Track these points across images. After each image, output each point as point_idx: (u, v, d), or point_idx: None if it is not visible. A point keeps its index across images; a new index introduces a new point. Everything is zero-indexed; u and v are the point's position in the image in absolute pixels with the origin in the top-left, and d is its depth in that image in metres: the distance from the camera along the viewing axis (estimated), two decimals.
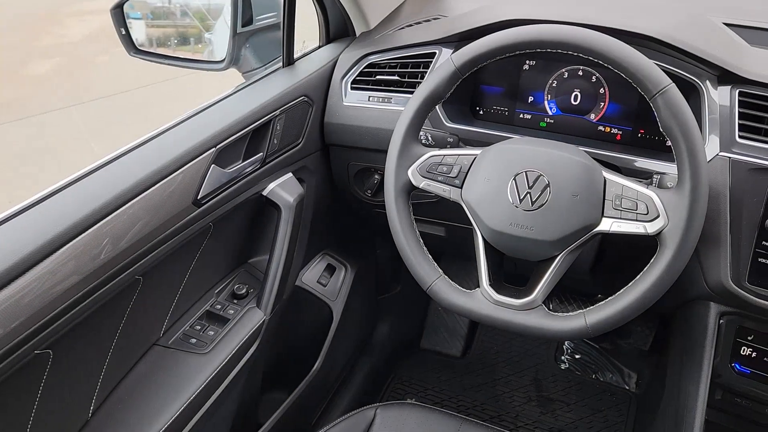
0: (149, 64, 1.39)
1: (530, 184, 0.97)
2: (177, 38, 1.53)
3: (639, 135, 1.22)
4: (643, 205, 0.92)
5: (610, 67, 0.93)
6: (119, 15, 1.31)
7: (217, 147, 1.05)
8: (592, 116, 1.25)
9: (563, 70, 1.25)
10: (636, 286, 0.92)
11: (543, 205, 0.96)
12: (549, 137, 1.23)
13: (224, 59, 1.34)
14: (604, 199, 0.95)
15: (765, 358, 1.11)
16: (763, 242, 1.02)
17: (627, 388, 1.94)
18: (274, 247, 1.23)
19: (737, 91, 1.05)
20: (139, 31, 1.39)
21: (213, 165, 1.04)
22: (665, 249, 0.90)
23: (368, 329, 1.96)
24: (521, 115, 1.31)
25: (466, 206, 1.03)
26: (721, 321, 1.13)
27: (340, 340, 1.67)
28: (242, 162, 1.14)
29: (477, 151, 1.04)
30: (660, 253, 0.91)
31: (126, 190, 0.89)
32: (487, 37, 0.99)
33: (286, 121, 1.22)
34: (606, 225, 0.94)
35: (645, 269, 0.93)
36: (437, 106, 1.24)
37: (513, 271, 1.28)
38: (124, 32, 1.32)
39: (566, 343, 2.07)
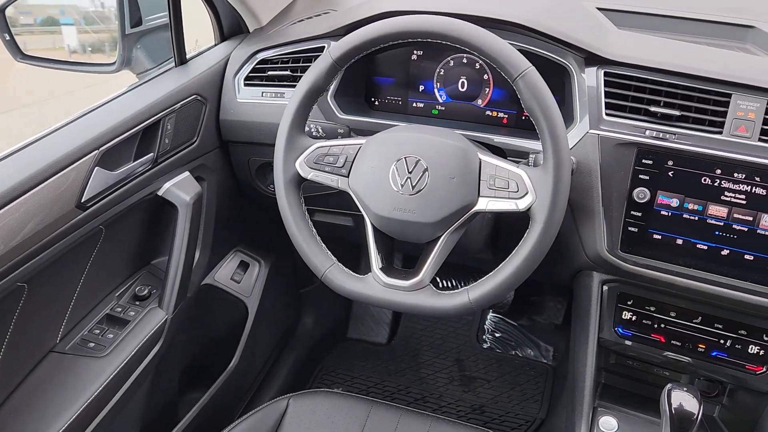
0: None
1: (410, 170, 1.01)
2: (111, 43, 1.50)
3: (523, 118, 1.28)
4: (514, 183, 0.97)
5: (475, 53, 0.98)
6: (1, 20, 1.28)
7: (101, 149, 1.04)
8: (480, 102, 1.30)
9: (449, 58, 1.30)
10: (511, 261, 0.97)
11: (423, 188, 1.00)
12: (441, 124, 1.28)
13: (115, 61, 1.33)
14: (479, 179, 1.00)
15: (644, 321, 1.18)
16: (632, 212, 1.09)
17: (544, 361, 2.03)
18: (173, 246, 1.23)
19: (602, 72, 1.11)
20: (70, 38, 1.37)
21: (97, 167, 1.04)
22: (535, 223, 0.96)
23: (291, 322, 1.98)
24: (414, 104, 1.35)
25: (353, 194, 1.06)
26: (603, 288, 1.20)
27: (258, 335, 1.68)
28: (133, 162, 1.14)
29: (362, 141, 1.07)
30: (531, 228, 0.96)
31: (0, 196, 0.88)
32: (360, 29, 1.02)
33: (177, 121, 1.22)
34: (482, 204, 0.99)
35: (519, 244, 0.98)
36: (330, 99, 1.27)
37: (413, 253, 1.32)
38: (8, 37, 1.29)
39: (487, 322, 2.14)
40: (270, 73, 1.32)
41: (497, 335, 2.11)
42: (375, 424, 1.15)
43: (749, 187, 1.02)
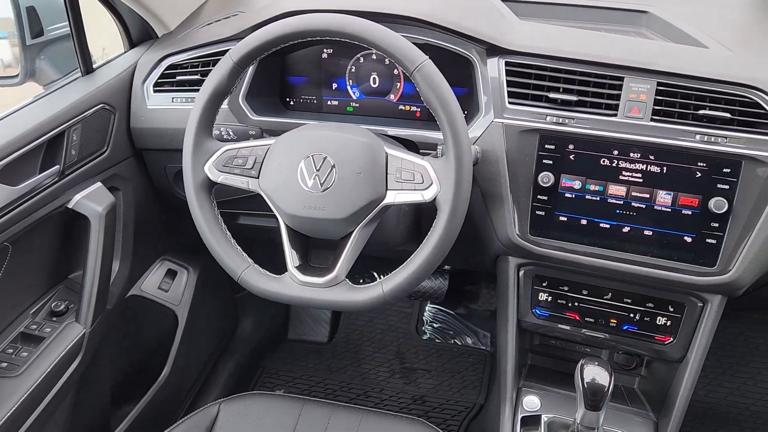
0: None
1: (318, 167, 1.01)
2: None
3: None
4: (419, 175, 0.99)
5: (373, 49, 0.99)
6: None
7: (0, 163, 1.02)
8: (392, 97, 1.32)
9: (359, 55, 1.31)
10: (421, 251, 0.99)
11: (331, 185, 1.01)
12: (357, 121, 1.29)
13: (18, 74, 1.30)
14: (386, 173, 1.01)
15: (559, 301, 1.22)
16: (538, 196, 1.12)
17: (482, 347, 2.07)
18: (87, 258, 1.21)
19: (504, 62, 1.14)
20: (4, 52, 1.33)
21: None
22: (441, 213, 0.98)
23: (229, 327, 1.97)
24: (329, 102, 1.36)
25: (264, 195, 1.06)
26: (519, 272, 1.23)
27: (192, 343, 1.66)
28: (37, 176, 1.11)
29: (271, 141, 1.08)
30: (438, 218, 0.98)
31: None
32: (259, 30, 1.02)
33: (84, 131, 1.20)
34: (391, 197, 1.01)
35: (428, 234, 1.00)
36: (241, 100, 1.26)
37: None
38: None
39: (425, 313, 2.17)
40: (179, 78, 1.31)
41: (436, 325, 2.14)
42: (307, 422, 1.16)
43: (644, 165, 1.07)
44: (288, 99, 1.37)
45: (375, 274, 2.08)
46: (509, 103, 1.13)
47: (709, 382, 1.88)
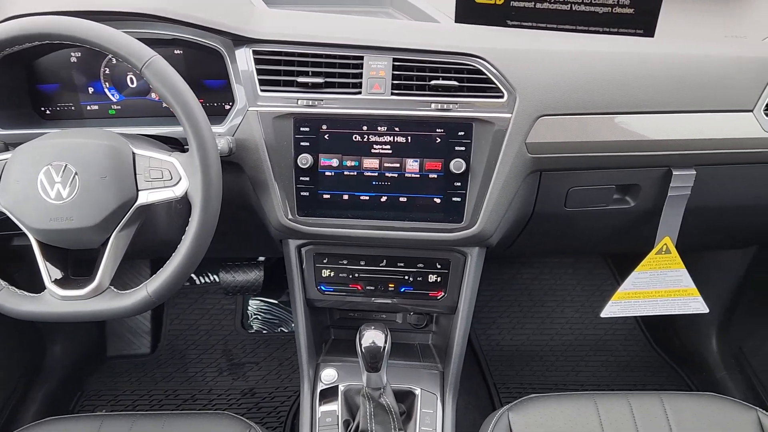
0: None
1: (58, 176, 0.98)
2: None
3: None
4: (167, 172, 0.99)
5: (101, 51, 0.97)
6: None
7: None
8: (153, 95, 1.29)
9: (110, 56, 1.27)
10: (181, 248, 0.99)
11: (75, 194, 0.97)
12: (121, 123, 1.26)
13: None
14: (135, 174, 1.00)
15: (341, 274, 1.28)
16: (301, 178, 1.16)
17: None
18: None
19: (251, 51, 1.16)
20: None
21: None
22: (195, 207, 0.98)
23: (32, 355, 1.84)
24: (89, 107, 1.30)
25: (7, 212, 1.00)
26: (301, 252, 1.27)
27: None
28: None
29: (7, 155, 1.02)
30: (192, 212, 0.99)
31: None
32: None
33: None
34: (143, 197, 1.00)
35: (186, 230, 1.00)
36: None
37: None
38: None
39: (249, 307, 2.17)
40: None
41: (262, 317, 2.15)
42: None
43: (392, 137, 1.14)
44: (43, 108, 1.30)
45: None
46: (261, 90, 1.15)
47: (513, 326, 2.06)
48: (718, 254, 1.77)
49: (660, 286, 1.34)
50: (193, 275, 2.04)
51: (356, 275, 1.27)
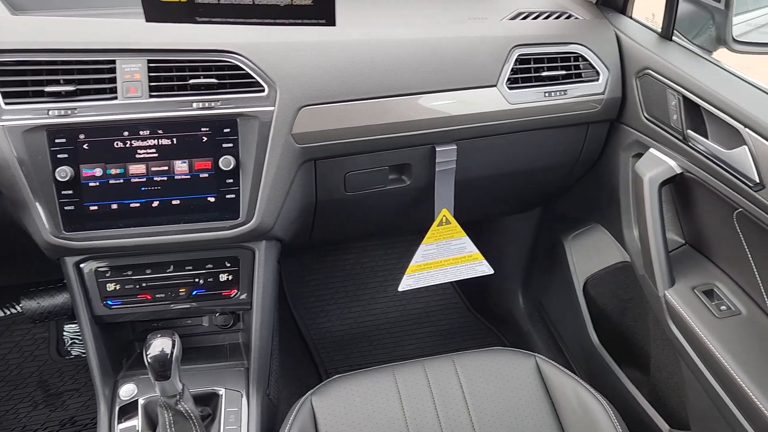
0: None
1: None
2: None
3: None
4: None
5: None
6: None
7: None
8: None
9: None
10: None
11: None
12: None
13: None
14: None
15: (127, 286, 1.23)
16: (63, 192, 1.10)
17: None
18: None
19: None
20: None
21: None
22: None
23: None
24: None
25: None
26: (81, 268, 1.21)
27: None
28: None
29: None
30: None
31: None
32: None
33: None
34: None
35: None
36: None
37: None
38: None
39: (65, 332, 2.04)
40: None
41: (80, 340, 2.03)
42: None
43: (156, 140, 1.12)
44: None
45: None
46: (6, 104, 1.08)
47: (342, 312, 2.11)
48: (512, 219, 1.92)
49: (447, 255, 1.44)
50: None
51: (143, 285, 1.24)
